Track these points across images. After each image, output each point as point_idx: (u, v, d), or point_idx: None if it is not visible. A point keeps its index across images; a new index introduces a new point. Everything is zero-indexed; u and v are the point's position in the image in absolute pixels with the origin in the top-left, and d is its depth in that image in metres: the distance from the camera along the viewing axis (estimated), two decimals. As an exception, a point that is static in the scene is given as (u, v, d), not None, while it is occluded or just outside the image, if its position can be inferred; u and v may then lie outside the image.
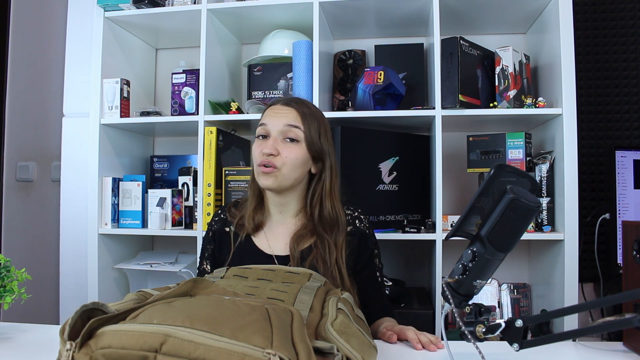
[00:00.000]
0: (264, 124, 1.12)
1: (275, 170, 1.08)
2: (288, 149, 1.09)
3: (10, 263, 1.03)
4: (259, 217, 1.16)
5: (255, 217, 1.16)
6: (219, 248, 1.19)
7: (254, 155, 1.11)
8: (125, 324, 0.57)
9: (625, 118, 1.87)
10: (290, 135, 1.09)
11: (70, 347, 0.55)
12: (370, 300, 1.16)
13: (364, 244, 1.18)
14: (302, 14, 1.76)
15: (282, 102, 1.15)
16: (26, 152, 2.13)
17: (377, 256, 1.23)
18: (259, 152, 1.09)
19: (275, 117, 1.11)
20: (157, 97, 2.18)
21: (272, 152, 1.07)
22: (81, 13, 2.13)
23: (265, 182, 1.09)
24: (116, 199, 1.82)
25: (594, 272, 1.75)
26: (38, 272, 1.77)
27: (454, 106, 1.60)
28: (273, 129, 1.10)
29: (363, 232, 1.19)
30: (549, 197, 1.62)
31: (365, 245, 1.18)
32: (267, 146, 1.08)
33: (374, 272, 1.20)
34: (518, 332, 0.71)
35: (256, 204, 1.17)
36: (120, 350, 0.54)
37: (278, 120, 1.10)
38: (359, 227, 1.19)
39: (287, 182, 1.10)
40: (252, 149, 1.13)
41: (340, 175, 1.17)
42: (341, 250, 1.11)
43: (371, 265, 1.20)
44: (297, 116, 1.11)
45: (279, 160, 1.08)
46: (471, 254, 0.72)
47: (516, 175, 0.74)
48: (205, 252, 1.22)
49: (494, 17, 1.82)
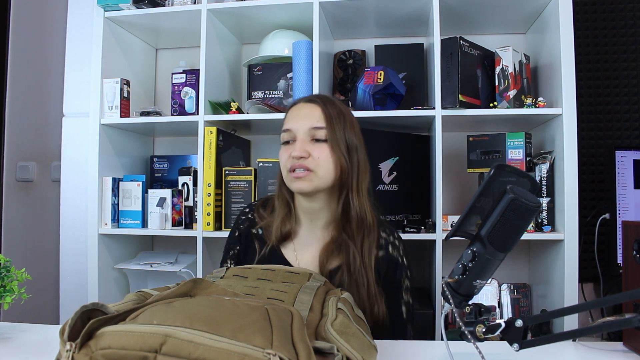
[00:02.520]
0: (288, 130, 1.05)
1: (309, 173, 1.01)
2: (319, 149, 1.02)
3: (10, 263, 1.03)
4: (287, 227, 1.09)
5: (283, 229, 1.09)
6: (244, 250, 1.15)
7: (282, 161, 1.05)
8: (125, 324, 0.57)
9: (625, 118, 1.87)
10: (317, 136, 1.03)
11: (70, 347, 0.55)
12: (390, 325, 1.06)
13: (392, 273, 1.08)
14: (302, 14, 1.76)
15: (304, 99, 1.09)
16: (26, 152, 2.13)
17: (407, 290, 1.10)
18: (287, 156, 1.03)
19: (298, 119, 1.05)
20: (157, 97, 2.18)
21: (303, 154, 1.01)
22: (81, 13, 2.13)
23: (300, 186, 1.02)
24: (116, 199, 1.82)
25: (594, 272, 1.75)
26: (38, 272, 1.77)
27: (454, 106, 1.60)
28: (299, 132, 1.03)
29: (395, 262, 1.09)
30: (549, 197, 1.62)
31: (394, 276, 1.08)
32: (295, 149, 1.01)
33: (398, 302, 1.08)
34: (518, 332, 0.71)
35: (284, 214, 1.10)
36: (120, 350, 0.54)
37: (302, 123, 1.04)
38: (391, 254, 1.09)
39: (323, 184, 1.03)
40: (280, 156, 1.07)
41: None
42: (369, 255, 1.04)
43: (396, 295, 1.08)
44: (322, 115, 1.04)
45: (311, 162, 1.01)
46: (471, 254, 0.72)
47: (516, 175, 0.74)
48: (230, 251, 1.17)
49: (494, 17, 1.82)
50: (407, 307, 1.10)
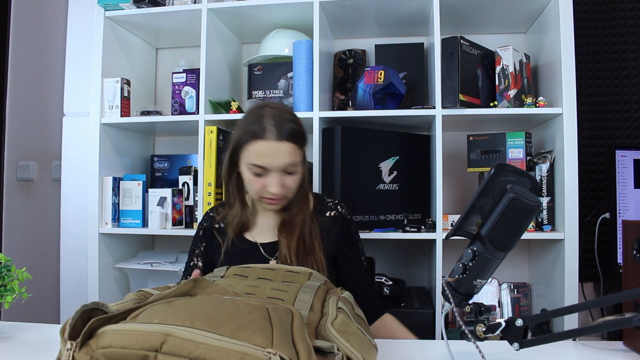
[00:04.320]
0: (261, 167, 1.10)
1: (281, 200, 1.14)
2: (291, 180, 1.13)
3: (11, 262, 1.03)
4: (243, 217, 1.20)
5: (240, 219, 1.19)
6: (209, 246, 1.24)
7: (254, 188, 1.12)
8: (125, 323, 0.57)
9: (625, 118, 1.87)
10: (291, 170, 1.12)
11: (70, 346, 0.55)
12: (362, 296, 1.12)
13: (347, 228, 1.24)
14: (303, 13, 1.76)
15: (274, 137, 1.08)
16: (26, 152, 2.13)
17: (360, 242, 1.28)
18: (261, 187, 1.11)
19: (273, 158, 1.09)
20: (158, 97, 2.18)
21: (281, 191, 1.11)
22: (81, 13, 2.13)
23: (272, 209, 1.17)
24: (116, 198, 1.82)
25: (594, 272, 1.75)
26: (38, 272, 1.77)
27: (454, 106, 1.60)
28: (273, 168, 1.10)
29: (345, 217, 1.24)
30: (549, 197, 1.63)
31: (348, 230, 1.24)
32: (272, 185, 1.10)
33: (360, 257, 1.26)
34: (518, 331, 0.71)
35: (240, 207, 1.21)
36: (120, 349, 0.54)
37: (278, 162, 1.09)
38: (340, 212, 1.24)
39: (289, 200, 1.17)
40: (249, 183, 1.13)
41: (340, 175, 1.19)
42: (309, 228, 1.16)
43: (356, 250, 1.25)
44: (295, 150, 1.11)
45: (285, 191, 1.12)
46: (471, 254, 0.72)
47: (516, 175, 0.74)
48: (196, 250, 1.26)
49: (494, 17, 1.82)
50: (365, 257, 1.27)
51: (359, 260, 1.25)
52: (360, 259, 1.25)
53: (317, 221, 1.20)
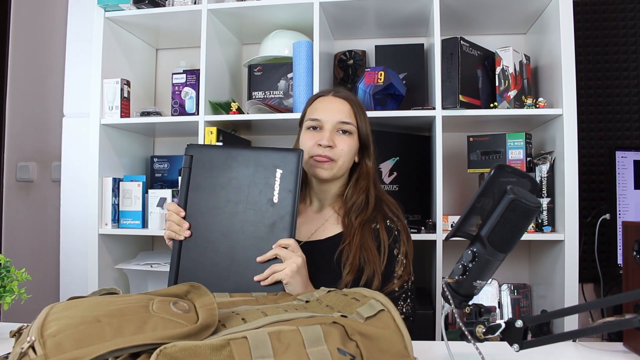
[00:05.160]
0: (316, 119, 1.13)
1: (332, 162, 1.11)
2: (343, 141, 1.12)
3: (10, 263, 1.03)
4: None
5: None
6: None
7: (306, 146, 1.12)
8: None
9: (626, 118, 1.87)
10: (345, 128, 1.13)
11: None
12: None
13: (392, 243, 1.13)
14: (303, 14, 1.76)
15: (332, 93, 1.18)
16: (26, 152, 2.13)
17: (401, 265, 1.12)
18: (313, 143, 1.11)
19: (328, 111, 1.13)
20: (158, 97, 2.18)
21: (330, 144, 1.10)
22: (81, 13, 2.13)
23: (323, 174, 1.12)
24: (116, 199, 1.82)
25: (594, 273, 1.75)
26: (38, 273, 1.76)
27: (454, 106, 1.60)
28: (327, 123, 1.12)
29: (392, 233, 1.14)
30: (549, 198, 1.62)
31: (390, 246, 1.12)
32: (324, 138, 1.10)
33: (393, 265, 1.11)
34: (518, 332, 0.71)
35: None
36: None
37: (332, 115, 1.12)
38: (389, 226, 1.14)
39: (341, 172, 1.14)
40: (302, 140, 1.15)
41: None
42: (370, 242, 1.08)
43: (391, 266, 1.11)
44: (350, 111, 1.14)
45: (335, 152, 1.11)
46: (471, 255, 0.72)
47: (516, 176, 0.74)
48: None
49: (494, 18, 1.82)
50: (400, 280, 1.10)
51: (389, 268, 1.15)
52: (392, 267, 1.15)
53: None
